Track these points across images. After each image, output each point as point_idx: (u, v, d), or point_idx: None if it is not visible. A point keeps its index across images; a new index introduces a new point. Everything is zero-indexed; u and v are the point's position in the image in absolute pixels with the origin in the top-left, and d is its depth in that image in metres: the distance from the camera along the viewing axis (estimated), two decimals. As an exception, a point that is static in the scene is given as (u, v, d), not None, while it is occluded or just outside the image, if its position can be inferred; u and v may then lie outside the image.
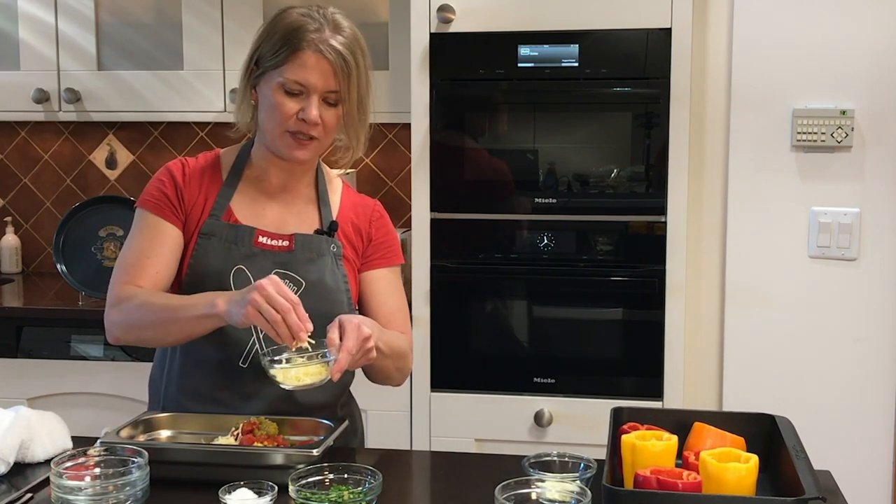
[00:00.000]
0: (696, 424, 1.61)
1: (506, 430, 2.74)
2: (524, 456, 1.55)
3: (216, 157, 1.88)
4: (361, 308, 1.91)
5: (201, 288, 1.76)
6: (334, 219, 1.86)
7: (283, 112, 1.73)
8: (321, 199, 1.88)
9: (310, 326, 1.59)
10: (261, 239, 1.80)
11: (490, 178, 2.76)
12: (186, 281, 1.80)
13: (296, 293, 1.77)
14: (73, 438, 1.75)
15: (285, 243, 1.81)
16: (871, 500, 2.70)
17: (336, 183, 1.93)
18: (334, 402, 1.87)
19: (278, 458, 1.57)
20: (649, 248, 2.68)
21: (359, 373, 1.95)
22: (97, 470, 1.49)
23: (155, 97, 3.17)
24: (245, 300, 1.58)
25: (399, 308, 1.92)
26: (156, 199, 1.81)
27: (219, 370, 1.79)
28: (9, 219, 3.61)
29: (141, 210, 1.82)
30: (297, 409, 1.79)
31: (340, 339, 1.62)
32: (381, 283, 1.90)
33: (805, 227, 2.69)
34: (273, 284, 1.59)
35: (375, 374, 1.86)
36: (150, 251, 1.78)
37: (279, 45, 1.73)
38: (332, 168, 2.04)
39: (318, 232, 1.84)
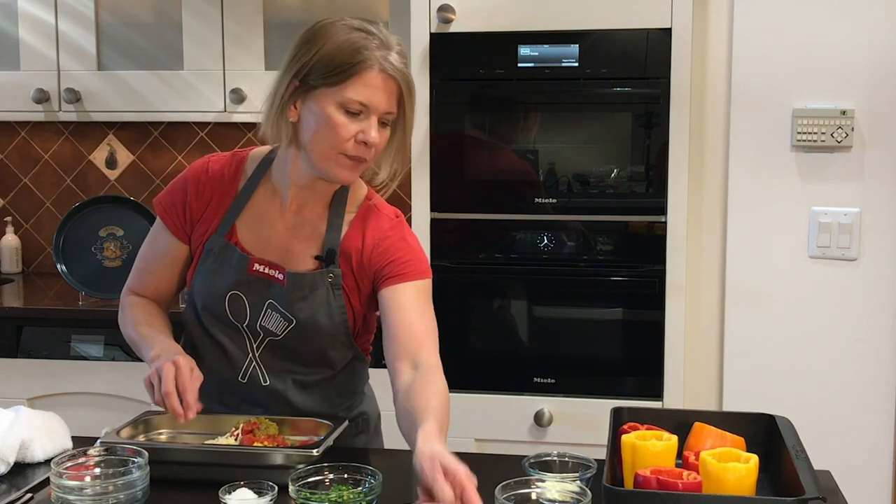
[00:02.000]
0: (696, 424, 1.61)
1: (506, 430, 2.74)
2: (524, 456, 1.55)
3: (242, 161, 1.81)
4: (386, 328, 1.74)
5: (203, 302, 1.78)
6: (338, 244, 1.76)
7: (342, 134, 1.63)
8: (331, 223, 1.77)
9: (191, 415, 1.61)
10: (255, 266, 1.75)
11: (490, 178, 2.76)
12: (193, 291, 1.80)
13: (286, 328, 1.76)
14: (73, 438, 1.75)
15: (280, 276, 1.74)
16: (871, 500, 2.70)
17: (359, 194, 1.81)
18: (334, 411, 1.86)
19: (278, 458, 1.57)
20: (649, 248, 2.68)
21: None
22: (97, 470, 1.49)
23: (155, 97, 3.17)
24: (149, 370, 1.65)
25: (425, 324, 1.72)
26: (166, 207, 1.81)
27: (221, 382, 1.79)
28: (9, 219, 3.61)
29: (157, 212, 1.84)
30: (302, 415, 1.79)
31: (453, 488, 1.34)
32: (403, 299, 1.73)
33: (805, 227, 2.70)
34: (171, 369, 1.61)
35: None
36: (153, 265, 1.84)
37: (338, 61, 1.62)
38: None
39: (316, 258, 1.76)
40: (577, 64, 2.66)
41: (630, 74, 2.65)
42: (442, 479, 1.33)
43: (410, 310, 1.72)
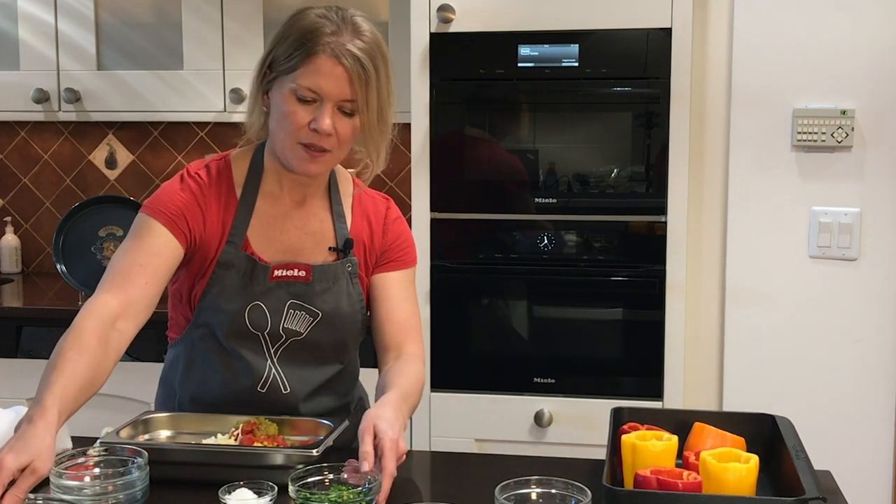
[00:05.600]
0: (696, 424, 1.61)
1: (506, 430, 2.74)
2: (524, 457, 1.54)
3: (227, 167, 1.76)
4: (372, 312, 1.82)
5: (216, 318, 1.72)
6: (349, 234, 1.79)
7: (295, 121, 1.62)
8: (335, 212, 1.79)
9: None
10: (276, 273, 1.72)
11: (490, 177, 2.75)
12: (202, 307, 1.73)
13: (311, 323, 1.75)
14: (73, 438, 1.75)
15: (302, 273, 1.74)
16: (871, 500, 2.70)
17: (348, 185, 1.84)
18: (346, 403, 1.87)
19: (278, 458, 1.57)
20: (649, 248, 2.68)
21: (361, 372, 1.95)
22: (97, 470, 1.49)
23: (155, 97, 3.17)
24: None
25: (411, 314, 1.83)
26: (171, 215, 1.68)
27: (238, 392, 1.77)
28: (9, 219, 3.61)
29: (146, 216, 1.69)
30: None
31: (375, 450, 1.48)
32: (394, 287, 1.81)
33: (805, 227, 2.69)
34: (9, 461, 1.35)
35: None
36: (145, 259, 1.65)
37: (293, 48, 1.61)
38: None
39: (332, 249, 1.77)
40: (577, 64, 2.66)
41: (630, 74, 2.65)
42: (368, 439, 1.48)
43: (401, 299, 1.82)
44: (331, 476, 1.48)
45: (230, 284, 1.72)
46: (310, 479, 1.46)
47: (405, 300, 1.83)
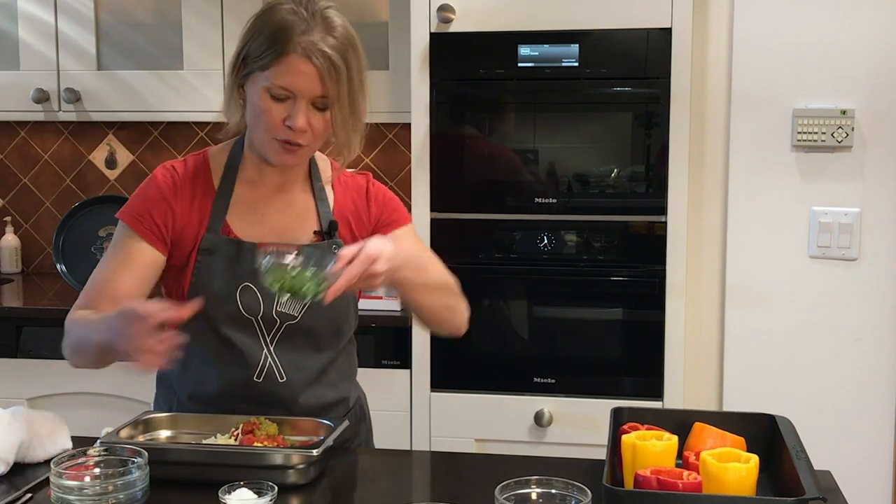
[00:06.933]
0: (696, 424, 1.61)
1: (506, 430, 2.74)
2: (524, 457, 1.54)
3: (205, 161, 1.79)
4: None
5: (208, 304, 1.71)
6: (333, 216, 1.81)
7: (270, 119, 1.65)
8: (317, 196, 1.81)
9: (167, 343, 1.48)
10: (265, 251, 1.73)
11: (490, 177, 2.76)
12: (191, 297, 1.72)
13: (304, 306, 1.75)
14: (73, 438, 1.75)
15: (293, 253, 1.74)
16: (871, 500, 2.70)
17: (327, 168, 1.86)
18: (345, 398, 1.87)
19: (278, 458, 1.57)
20: (649, 248, 2.68)
21: (362, 373, 1.95)
22: (97, 470, 1.49)
23: (155, 97, 3.17)
24: (126, 345, 1.51)
25: (431, 259, 1.82)
26: (138, 216, 1.72)
27: (235, 384, 1.77)
28: (8, 219, 3.61)
29: (120, 224, 1.74)
30: (313, 413, 1.77)
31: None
32: (403, 243, 1.80)
33: (805, 227, 2.70)
34: (127, 319, 1.48)
35: (423, 316, 1.81)
36: (116, 274, 1.71)
37: (265, 45, 1.64)
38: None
39: (316, 232, 1.79)
40: (577, 64, 2.66)
41: (630, 74, 2.65)
42: (356, 247, 1.55)
43: (416, 249, 1.84)
44: (301, 260, 1.55)
45: (216, 269, 1.73)
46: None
47: (419, 249, 1.86)
